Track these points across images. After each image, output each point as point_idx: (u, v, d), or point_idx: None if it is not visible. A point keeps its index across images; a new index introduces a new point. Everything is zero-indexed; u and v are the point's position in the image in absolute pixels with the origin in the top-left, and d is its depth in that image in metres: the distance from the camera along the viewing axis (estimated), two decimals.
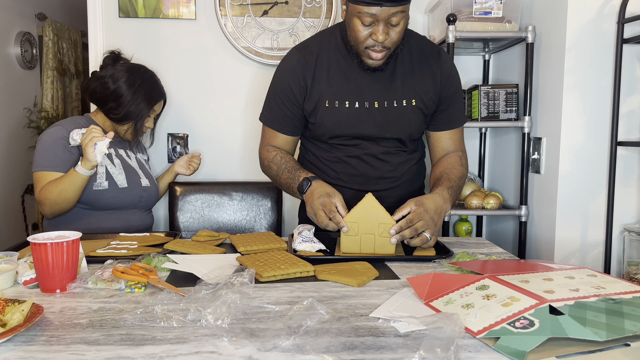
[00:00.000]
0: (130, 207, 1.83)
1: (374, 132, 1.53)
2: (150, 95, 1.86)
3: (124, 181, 1.80)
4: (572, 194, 1.86)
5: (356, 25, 1.38)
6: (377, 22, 1.36)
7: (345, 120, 1.52)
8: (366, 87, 1.50)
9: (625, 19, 1.73)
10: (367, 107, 1.51)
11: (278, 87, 1.57)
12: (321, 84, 1.52)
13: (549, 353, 0.77)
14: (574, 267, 1.08)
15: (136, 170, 1.88)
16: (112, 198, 1.77)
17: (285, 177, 1.54)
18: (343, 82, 1.51)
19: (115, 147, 1.86)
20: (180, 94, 2.38)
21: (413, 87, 1.52)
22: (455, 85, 1.58)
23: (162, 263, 1.21)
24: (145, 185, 1.88)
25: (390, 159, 1.57)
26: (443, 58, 1.56)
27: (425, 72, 1.53)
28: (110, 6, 2.31)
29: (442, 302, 0.96)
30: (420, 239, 1.31)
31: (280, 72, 1.57)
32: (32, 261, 1.11)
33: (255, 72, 2.39)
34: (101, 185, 1.74)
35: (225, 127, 2.42)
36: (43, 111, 3.91)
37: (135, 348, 0.80)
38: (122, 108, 1.80)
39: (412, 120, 1.53)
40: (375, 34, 1.37)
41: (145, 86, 1.84)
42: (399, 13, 1.35)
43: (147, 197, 1.89)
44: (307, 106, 1.54)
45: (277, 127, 1.61)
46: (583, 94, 1.83)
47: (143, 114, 1.84)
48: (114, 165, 1.80)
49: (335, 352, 0.78)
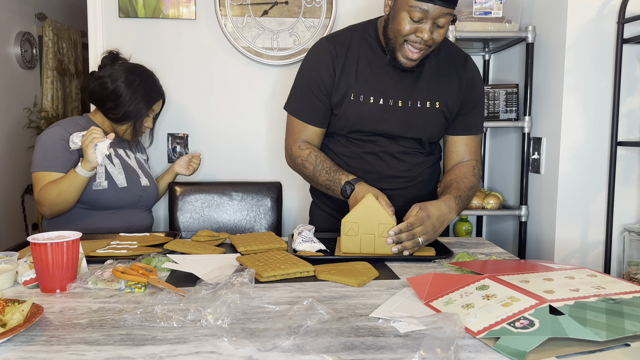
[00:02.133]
0: (129, 207, 1.83)
1: (395, 130, 1.53)
2: (149, 95, 1.85)
3: (124, 181, 1.79)
4: (572, 194, 1.86)
5: (404, 18, 1.37)
6: (426, 19, 1.36)
7: (368, 116, 1.51)
8: (392, 86, 1.51)
9: (625, 19, 1.73)
10: (391, 105, 1.51)
11: (308, 77, 1.54)
12: (350, 76, 1.51)
13: (549, 353, 0.77)
14: (574, 267, 1.08)
15: (135, 169, 1.87)
16: (112, 198, 1.76)
17: (325, 179, 1.51)
18: (370, 77, 1.51)
19: (115, 146, 1.86)
20: (180, 94, 2.38)
21: (438, 90, 1.52)
22: (478, 92, 1.58)
23: (162, 263, 1.21)
24: (145, 184, 1.88)
25: (407, 158, 1.57)
26: (469, 65, 1.57)
27: (452, 77, 1.53)
28: (110, 6, 2.31)
29: (442, 302, 0.96)
30: (412, 242, 1.30)
31: (310, 61, 1.55)
32: (32, 261, 1.11)
33: (255, 72, 2.39)
34: (101, 185, 1.74)
35: (225, 127, 2.42)
36: (43, 111, 3.92)
37: (135, 348, 0.80)
38: (121, 108, 1.80)
39: (433, 122, 1.54)
40: (421, 31, 1.37)
41: (144, 86, 1.84)
42: (447, 15, 1.36)
43: (147, 196, 1.88)
44: (334, 97, 1.52)
45: (307, 118, 1.56)
46: (583, 94, 1.83)
47: (142, 114, 1.83)
48: (113, 165, 1.79)
49: (335, 352, 0.78)
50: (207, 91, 2.39)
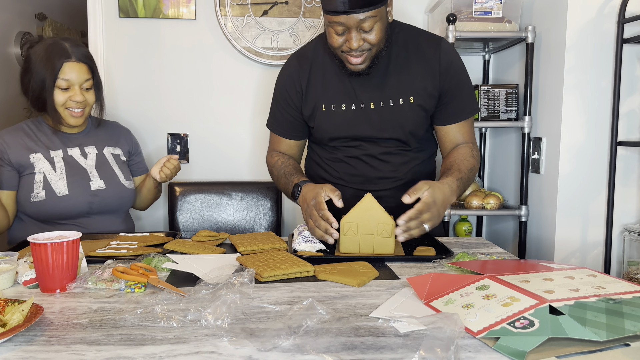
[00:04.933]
0: (81, 216, 1.63)
1: (371, 133, 1.52)
2: (47, 58, 1.54)
3: (65, 188, 1.59)
4: (572, 194, 1.86)
5: (331, 33, 1.39)
6: (349, 29, 1.35)
7: (342, 123, 1.52)
8: (360, 89, 1.50)
9: (625, 19, 1.73)
10: (363, 109, 1.51)
11: (278, 93, 1.62)
12: (317, 88, 1.53)
13: (549, 353, 0.77)
14: (574, 267, 1.08)
15: (87, 172, 1.65)
16: (53, 209, 1.58)
17: (283, 183, 1.58)
18: (338, 85, 1.52)
19: (67, 145, 1.67)
20: (180, 94, 2.38)
21: (410, 83, 1.49)
22: (457, 76, 1.51)
23: (162, 263, 1.21)
24: (98, 188, 1.64)
25: (391, 159, 1.56)
26: (443, 49, 1.49)
27: (423, 67, 1.49)
28: (110, 6, 2.31)
29: (442, 302, 0.96)
30: (419, 229, 1.30)
31: (280, 78, 1.62)
32: (32, 261, 1.11)
33: (255, 72, 2.39)
34: (38, 196, 1.57)
35: (225, 127, 2.42)
36: None
37: (135, 348, 0.80)
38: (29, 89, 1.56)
39: (409, 118, 1.51)
40: (348, 41, 1.37)
41: (41, 53, 1.56)
42: (369, 19, 1.33)
43: (101, 201, 1.64)
44: (305, 111, 1.56)
45: (280, 132, 1.65)
46: (583, 94, 1.83)
47: (46, 83, 1.54)
48: (54, 172, 1.60)
49: (335, 352, 0.78)
50: (207, 91, 2.39)
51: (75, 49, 1.59)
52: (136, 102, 2.37)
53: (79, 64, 1.59)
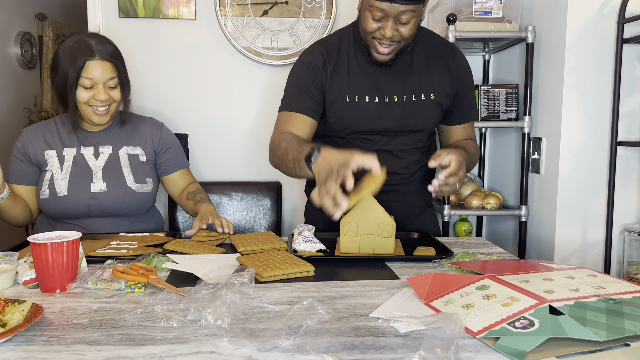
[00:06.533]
0: (82, 217, 1.61)
1: (393, 125, 1.54)
2: (72, 55, 1.52)
3: (65, 188, 1.58)
4: (572, 194, 1.86)
5: (367, 17, 1.41)
6: (387, 17, 1.38)
7: (365, 115, 1.52)
8: (385, 82, 1.53)
9: (625, 19, 1.73)
10: (387, 102, 1.53)
11: (300, 72, 1.53)
12: (342, 78, 1.52)
13: (549, 353, 0.77)
14: (574, 267, 1.08)
15: (93, 173, 1.61)
16: (55, 208, 1.59)
17: (295, 151, 1.37)
18: (363, 77, 1.53)
19: (83, 144, 1.65)
20: (180, 94, 2.38)
21: (431, 81, 1.55)
22: (470, 81, 1.63)
23: (162, 263, 1.21)
24: (97, 190, 1.60)
25: (405, 156, 1.59)
26: (457, 54, 1.60)
27: (442, 68, 1.56)
28: (110, 6, 2.31)
29: (442, 302, 0.96)
30: (451, 188, 1.33)
31: (302, 62, 1.55)
32: (32, 261, 1.11)
33: (255, 72, 2.39)
34: (43, 194, 1.59)
35: (224, 127, 2.42)
36: (43, 111, 3.92)
37: (135, 348, 0.80)
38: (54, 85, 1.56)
39: (430, 114, 1.56)
40: (383, 29, 1.40)
41: (67, 50, 1.54)
42: (409, 12, 1.37)
43: (100, 204, 1.60)
44: (328, 97, 1.52)
45: (294, 107, 1.51)
46: (583, 94, 1.83)
47: (69, 81, 1.52)
48: (60, 171, 1.60)
49: (335, 352, 0.78)
50: (207, 91, 2.39)
51: (100, 47, 1.55)
52: (136, 102, 2.37)
53: (102, 62, 1.54)
